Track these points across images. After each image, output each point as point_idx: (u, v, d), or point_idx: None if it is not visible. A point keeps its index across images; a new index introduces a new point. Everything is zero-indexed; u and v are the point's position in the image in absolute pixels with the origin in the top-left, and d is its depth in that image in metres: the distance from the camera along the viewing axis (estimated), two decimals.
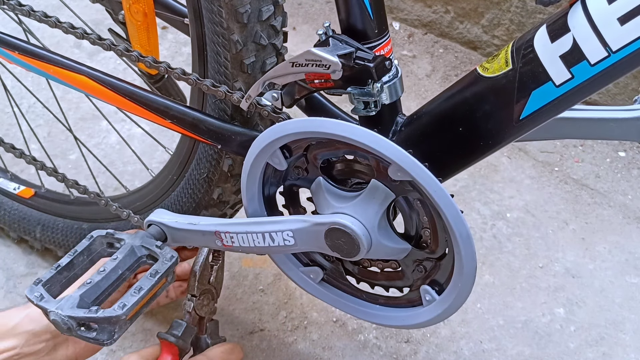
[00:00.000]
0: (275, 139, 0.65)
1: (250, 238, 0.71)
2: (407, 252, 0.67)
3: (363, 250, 0.65)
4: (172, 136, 0.82)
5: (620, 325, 1.06)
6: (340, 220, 0.65)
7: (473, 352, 1.03)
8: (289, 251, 0.72)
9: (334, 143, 0.66)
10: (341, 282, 0.76)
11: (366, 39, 0.64)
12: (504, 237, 1.19)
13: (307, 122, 0.63)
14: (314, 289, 0.77)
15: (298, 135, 0.64)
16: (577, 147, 1.35)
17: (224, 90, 0.71)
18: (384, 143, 0.59)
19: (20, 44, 0.81)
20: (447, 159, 0.65)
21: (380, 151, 0.60)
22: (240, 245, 0.72)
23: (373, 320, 0.74)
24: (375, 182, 0.65)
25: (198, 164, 0.84)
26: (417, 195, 0.64)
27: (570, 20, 0.52)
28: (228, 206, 0.88)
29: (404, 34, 1.62)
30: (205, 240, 0.74)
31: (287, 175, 0.72)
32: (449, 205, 0.60)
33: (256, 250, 0.72)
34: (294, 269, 0.77)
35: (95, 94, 0.77)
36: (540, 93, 0.56)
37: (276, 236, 0.70)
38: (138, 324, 1.06)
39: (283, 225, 0.69)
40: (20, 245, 1.18)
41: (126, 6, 0.82)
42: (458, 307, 0.66)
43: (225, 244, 0.73)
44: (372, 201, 0.65)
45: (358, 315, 0.75)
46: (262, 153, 0.68)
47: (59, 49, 1.35)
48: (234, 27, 0.69)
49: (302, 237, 0.69)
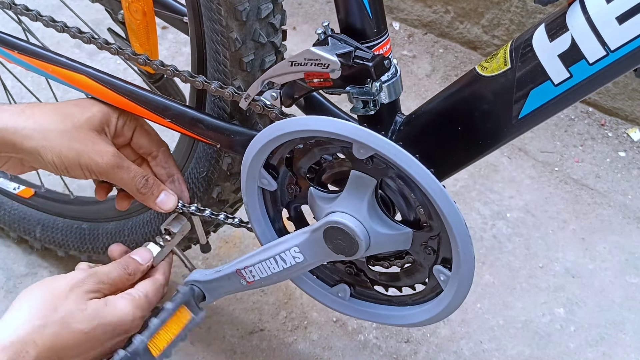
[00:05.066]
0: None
1: (266, 266, 0.73)
2: (411, 237, 0.66)
3: (361, 242, 0.65)
4: (172, 135, 0.82)
5: (620, 325, 1.06)
6: (331, 218, 0.66)
7: (473, 352, 1.03)
8: (304, 268, 0.72)
9: (309, 147, 0.67)
10: (370, 292, 0.75)
11: (365, 38, 0.64)
12: (504, 237, 1.19)
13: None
14: (346, 307, 0.75)
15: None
16: (577, 147, 1.35)
17: (231, 91, 0.71)
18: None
19: (20, 43, 0.81)
20: (446, 158, 0.65)
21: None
22: (261, 277, 0.74)
23: (410, 322, 0.73)
24: (353, 173, 0.65)
25: (197, 163, 0.84)
26: (395, 172, 0.63)
27: (568, 19, 0.52)
28: (227, 205, 0.88)
29: (403, 34, 1.62)
30: (233, 284, 0.76)
31: (283, 198, 0.74)
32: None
33: (276, 278, 0.73)
34: (323, 292, 0.76)
35: (95, 93, 0.77)
36: (539, 92, 0.56)
37: (286, 256, 0.71)
38: None
39: (288, 243, 0.71)
40: (20, 245, 1.18)
41: (125, 5, 0.82)
42: (470, 276, 0.64)
43: (249, 280, 0.75)
44: (356, 191, 0.65)
45: (396, 322, 0.74)
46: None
47: (59, 49, 1.35)
48: (232, 25, 0.69)
49: (308, 249, 0.70)
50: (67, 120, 0.72)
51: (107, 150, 0.72)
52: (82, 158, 0.71)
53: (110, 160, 0.72)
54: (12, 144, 0.70)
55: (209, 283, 0.76)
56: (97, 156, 0.71)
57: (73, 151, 0.70)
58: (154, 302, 0.72)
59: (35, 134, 0.70)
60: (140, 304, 0.69)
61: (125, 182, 0.74)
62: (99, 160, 0.71)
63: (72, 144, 0.71)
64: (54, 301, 0.64)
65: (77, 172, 0.72)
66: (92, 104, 0.75)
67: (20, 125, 0.70)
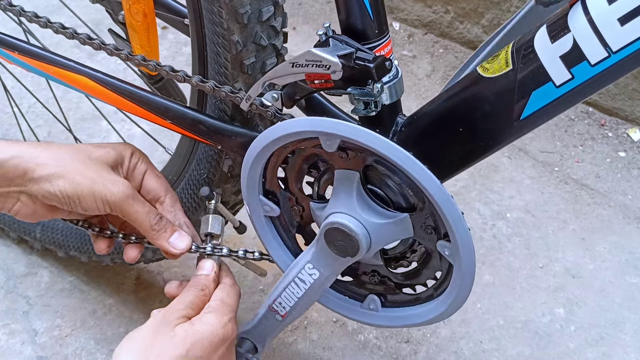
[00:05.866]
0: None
1: (290, 293, 0.74)
2: (410, 222, 0.66)
3: (359, 237, 0.65)
4: (172, 136, 0.82)
5: (620, 325, 1.06)
6: (326, 221, 0.67)
7: (473, 352, 1.03)
8: (323, 284, 0.72)
9: (296, 163, 0.69)
10: (399, 297, 0.74)
11: (366, 40, 0.64)
12: (504, 237, 1.19)
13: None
14: (381, 318, 0.75)
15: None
16: (577, 147, 1.35)
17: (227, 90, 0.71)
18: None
19: (20, 44, 0.81)
20: (447, 159, 0.65)
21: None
22: (291, 307, 0.75)
23: (442, 315, 0.71)
24: (336, 172, 0.66)
25: (198, 165, 0.84)
26: (373, 159, 0.63)
27: (570, 20, 0.52)
28: (228, 207, 0.88)
29: (404, 34, 1.62)
30: (271, 323, 0.77)
31: (292, 221, 0.75)
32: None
33: (304, 303, 0.74)
34: (355, 309, 0.76)
35: (95, 94, 0.77)
36: (541, 93, 0.56)
37: (303, 276, 0.72)
38: (138, 324, 1.06)
39: (301, 262, 0.72)
40: (20, 245, 1.18)
41: (126, 6, 0.82)
42: (470, 247, 0.63)
43: (282, 314, 0.76)
44: (343, 189, 0.66)
45: (431, 316, 0.72)
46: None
47: (59, 49, 1.35)
48: (234, 28, 0.69)
49: (319, 262, 0.71)
50: (82, 153, 0.71)
51: (122, 181, 0.70)
52: (96, 186, 0.68)
53: (125, 190, 0.70)
54: (24, 172, 0.68)
55: (255, 330, 0.77)
56: (112, 185, 0.69)
57: (88, 179, 0.68)
58: (234, 303, 0.71)
59: (50, 161, 0.68)
60: (222, 310, 0.69)
61: (140, 216, 0.71)
62: (114, 189, 0.69)
63: (87, 172, 0.69)
64: (146, 344, 0.64)
65: (89, 203, 0.69)
66: (106, 144, 0.75)
67: (35, 154, 0.69)
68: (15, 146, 0.69)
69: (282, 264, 0.76)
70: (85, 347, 1.04)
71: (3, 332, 1.06)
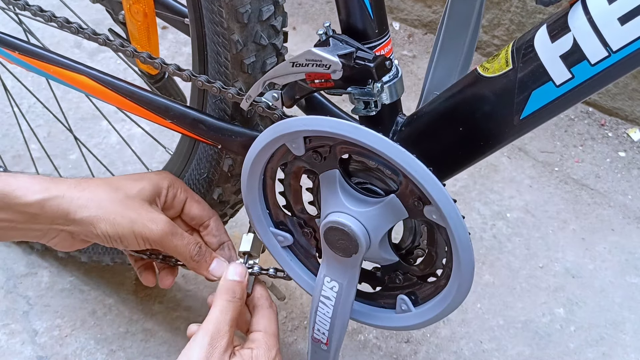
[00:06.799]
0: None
1: (322, 316, 0.73)
2: (399, 203, 0.65)
3: (352, 229, 0.65)
4: (172, 136, 0.82)
5: (620, 325, 1.06)
6: (321, 225, 0.68)
7: (473, 352, 1.03)
8: (348, 296, 0.72)
9: (289, 180, 0.70)
10: (428, 290, 0.73)
11: (366, 39, 0.64)
12: (504, 237, 1.19)
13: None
14: (417, 317, 0.72)
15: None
16: (577, 147, 1.35)
17: (233, 92, 0.71)
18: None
19: (21, 44, 0.81)
20: (447, 158, 0.65)
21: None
22: (327, 330, 0.74)
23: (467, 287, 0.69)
24: (320, 178, 0.67)
25: (198, 164, 0.84)
26: (340, 147, 0.64)
27: (570, 20, 0.52)
28: (228, 206, 0.88)
29: (404, 34, 1.62)
30: (320, 356, 0.77)
31: (309, 246, 0.76)
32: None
33: (339, 322, 0.73)
34: (391, 316, 0.74)
35: (95, 94, 0.77)
36: (541, 93, 0.56)
37: (325, 292, 0.72)
38: (138, 324, 1.07)
39: (319, 279, 0.72)
40: (20, 245, 1.18)
41: (126, 6, 0.82)
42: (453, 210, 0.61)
43: (324, 341, 0.75)
44: (328, 190, 0.68)
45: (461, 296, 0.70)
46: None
47: (59, 49, 1.35)
48: (234, 27, 0.69)
49: (333, 272, 0.70)
50: (119, 191, 0.72)
51: (161, 218, 0.72)
52: (136, 226, 0.70)
53: (164, 227, 0.71)
54: (66, 213, 0.69)
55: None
56: (152, 223, 0.71)
57: (127, 219, 0.70)
58: (276, 330, 0.73)
59: (90, 203, 0.70)
60: (268, 343, 0.70)
61: (180, 250, 0.73)
62: (153, 227, 0.70)
63: (126, 212, 0.70)
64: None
65: (130, 241, 0.71)
66: (142, 177, 0.76)
67: (76, 196, 0.70)
68: (55, 186, 0.70)
69: (308, 289, 0.76)
70: (85, 347, 1.04)
71: (3, 332, 1.06)
